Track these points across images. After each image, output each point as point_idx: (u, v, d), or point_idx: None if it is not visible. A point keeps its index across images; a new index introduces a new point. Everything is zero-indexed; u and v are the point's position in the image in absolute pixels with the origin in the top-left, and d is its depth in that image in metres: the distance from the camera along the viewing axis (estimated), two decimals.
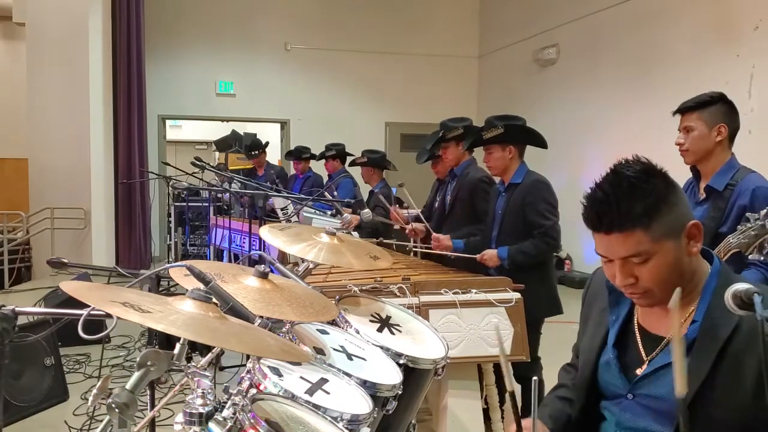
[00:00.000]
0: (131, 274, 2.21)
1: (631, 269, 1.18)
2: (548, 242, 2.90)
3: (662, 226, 1.15)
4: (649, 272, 1.17)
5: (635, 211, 1.14)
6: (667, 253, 1.16)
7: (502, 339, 1.21)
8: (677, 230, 1.17)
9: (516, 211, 2.98)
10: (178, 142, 12.62)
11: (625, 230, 1.15)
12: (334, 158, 5.72)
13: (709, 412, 1.14)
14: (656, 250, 1.15)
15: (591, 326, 1.41)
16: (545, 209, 2.93)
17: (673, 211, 1.16)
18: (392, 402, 1.67)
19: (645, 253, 1.16)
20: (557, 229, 2.95)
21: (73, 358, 4.41)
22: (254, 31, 9.78)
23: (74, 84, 7.45)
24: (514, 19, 9.59)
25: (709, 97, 2.25)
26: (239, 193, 4.02)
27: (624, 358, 1.30)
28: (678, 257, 1.17)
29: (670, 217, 1.16)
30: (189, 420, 1.20)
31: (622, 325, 1.33)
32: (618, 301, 1.35)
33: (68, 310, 1.53)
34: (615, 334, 1.33)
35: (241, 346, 1.06)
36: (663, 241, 1.15)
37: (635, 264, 1.17)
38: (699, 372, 1.15)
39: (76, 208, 7.46)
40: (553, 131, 7.74)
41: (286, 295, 1.53)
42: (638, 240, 1.15)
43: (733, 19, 5.96)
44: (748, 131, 5.34)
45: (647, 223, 1.14)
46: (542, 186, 2.98)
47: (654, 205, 1.15)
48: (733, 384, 1.13)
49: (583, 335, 1.44)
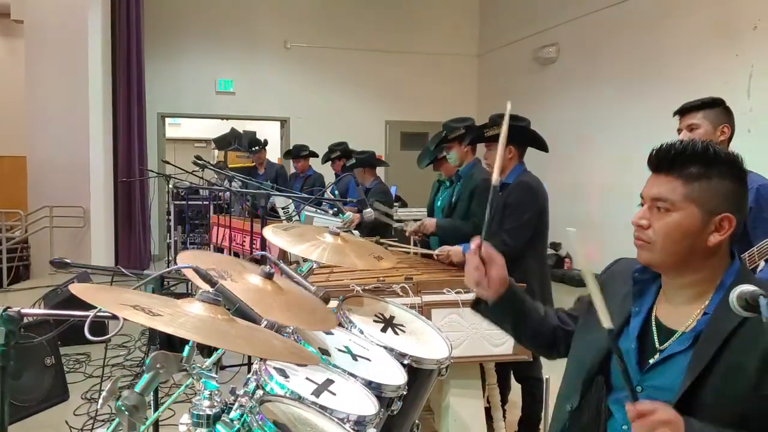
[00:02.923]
0: (134, 274, 2.21)
1: (652, 214, 1.24)
2: (506, 243, 2.87)
3: (700, 193, 1.20)
4: (664, 225, 1.22)
5: (690, 165, 1.21)
6: (689, 217, 1.20)
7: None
8: (710, 208, 1.21)
9: (500, 211, 2.98)
10: (177, 140, 12.59)
11: (672, 174, 1.22)
12: (339, 158, 5.72)
13: (705, 403, 1.15)
14: (681, 208, 1.21)
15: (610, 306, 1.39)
16: (516, 211, 2.90)
17: (719, 192, 1.21)
18: (397, 402, 1.68)
19: (671, 204, 1.22)
20: (521, 234, 2.90)
21: (74, 357, 4.40)
22: (254, 29, 9.76)
23: (73, 81, 7.43)
24: (514, 18, 9.59)
25: (711, 99, 2.28)
26: (241, 193, 4.02)
27: (640, 350, 1.31)
28: (696, 230, 1.21)
29: (711, 192, 1.21)
30: (197, 422, 1.20)
31: (644, 318, 1.33)
32: (642, 292, 1.35)
33: (74, 312, 1.53)
34: (639, 325, 1.32)
35: (250, 349, 1.06)
36: (692, 204, 1.20)
37: (658, 212, 1.23)
38: (701, 361, 1.17)
39: (75, 207, 7.44)
40: (553, 130, 7.75)
41: (288, 299, 1.52)
42: (673, 188, 1.21)
43: (732, 19, 5.97)
44: (747, 130, 5.38)
45: (691, 180, 1.20)
46: (524, 187, 2.94)
47: (706, 173, 1.21)
48: (733, 375, 1.15)
49: (594, 322, 1.41)
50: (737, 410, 1.13)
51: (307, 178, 6.40)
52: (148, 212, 8.49)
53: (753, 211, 2.16)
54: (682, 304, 1.27)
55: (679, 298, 1.28)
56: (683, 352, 1.22)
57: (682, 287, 1.27)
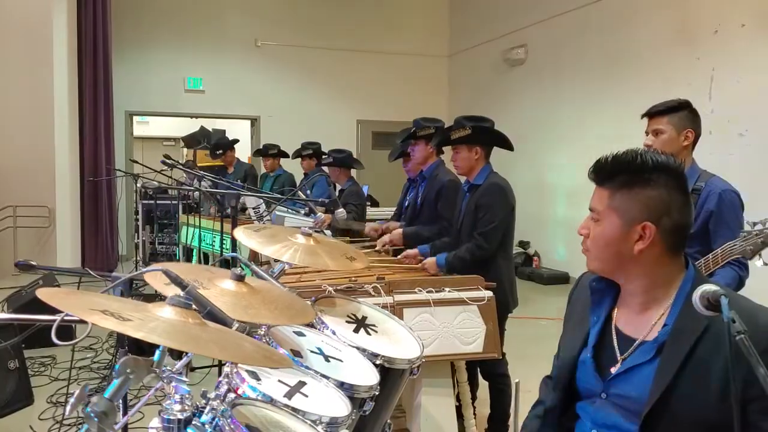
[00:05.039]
0: (102, 276, 2.17)
1: (590, 223, 1.32)
2: (481, 246, 2.92)
3: (620, 203, 1.25)
4: (593, 234, 1.30)
5: (616, 176, 1.26)
6: (609, 227, 1.26)
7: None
8: (629, 217, 1.24)
9: (471, 212, 3.01)
10: (146, 138, 12.39)
11: (604, 185, 1.29)
12: (310, 157, 5.70)
13: (675, 413, 1.17)
14: (604, 217, 1.28)
15: (572, 326, 1.44)
16: (490, 212, 2.93)
17: (640, 201, 1.23)
18: (369, 403, 1.69)
19: (597, 214, 1.29)
20: (495, 235, 2.94)
21: (39, 360, 4.31)
22: (224, 27, 9.66)
23: (37, 79, 7.27)
24: (484, 19, 9.68)
25: (677, 102, 2.33)
26: (211, 193, 3.98)
27: (600, 358, 1.33)
28: (617, 239, 1.25)
29: (631, 202, 1.24)
30: (167, 426, 1.19)
31: (602, 326, 1.37)
32: (600, 301, 1.38)
33: (40, 317, 1.51)
34: (596, 335, 1.36)
35: (222, 354, 1.06)
36: (613, 214, 1.25)
37: (593, 220, 1.31)
38: (667, 373, 1.18)
39: (39, 206, 7.29)
40: (522, 129, 7.88)
41: (264, 297, 1.52)
42: (600, 198, 1.29)
43: (693, 23, 6.13)
44: (708, 132, 5.49)
45: (614, 190, 1.26)
46: (495, 188, 2.98)
47: (629, 183, 1.24)
48: (700, 385, 1.17)
49: (565, 334, 1.47)
50: (707, 419, 1.15)
51: (277, 177, 6.37)
52: (116, 212, 8.35)
53: (715, 215, 2.22)
54: (638, 311, 1.30)
55: (634, 305, 1.31)
56: (647, 362, 1.24)
57: (633, 294, 1.30)
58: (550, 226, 8.20)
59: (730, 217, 2.20)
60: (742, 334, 0.97)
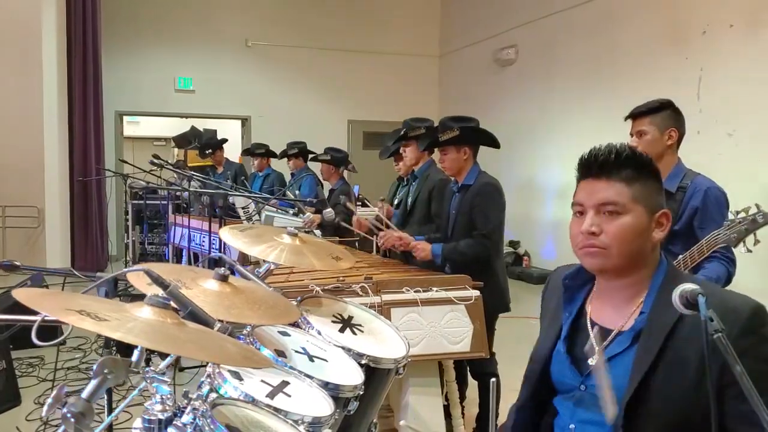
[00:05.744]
0: (87, 276, 2.16)
1: (600, 220, 1.25)
2: (485, 244, 2.94)
3: (642, 192, 1.25)
4: (616, 228, 1.24)
5: (627, 167, 1.26)
6: (639, 217, 1.25)
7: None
8: (652, 205, 1.26)
9: (466, 212, 3.02)
10: (136, 138, 12.32)
11: (612, 178, 1.26)
12: (297, 156, 5.69)
13: (651, 403, 1.19)
14: (630, 209, 1.24)
15: (546, 323, 1.45)
16: (489, 212, 2.96)
17: (654, 189, 1.28)
18: (354, 402, 1.69)
19: (620, 207, 1.25)
20: (496, 235, 2.98)
21: (26, 361, 4.28)
22: (215, 27, 9.62)
23: (27, 79, 7.22)
24: (475, 20, 9.70)
25: (659, 103, 2.34)
26: (200, 193, 3.97)
27: (576, 351, 1.34)
28: (645, 229, 1.25)
29: (650, 190, 1.27)
30: (148, 426, 1.19)
31: (575, 320, 1.38)
32: (572, 297, 1.39)
33: (21, 317, 1.50)
34: (567, 328, 1.37)
35: (201, 354, 1.06)
36: (638, 205, 1.25)
37: (606, 216, 1.25)
38: (643, 362, 1.20)
39: (29, 206, 7.24)
40: (512, 129, 7.91)
41: (248, 297, 1.52)
42: (619, 191, 1.25)
43: (682, 24, 6.17)
44: (696, 132, 5.55)
45: (632, 181, 1.25)
46: (491, 189, 3.00)
47: (641, 172, 1.26)
48: (675, 375, 1.18)
49: (541, 333, 1.48)
50: (683, 409, 1.17)
51: (266, 177, 6.36)
52: (106, 212, 8.30)
53: (700, 212, 2.25)
54: (618, 304, 1.31)
55: (617, 299, 1.32)
56: (625, 351, 1.26)
57: (621, 288, 1.31)
58: (540, 225, 8.23)
59: (716, 214, 2.22)
60: (720, 332, 0.98)
